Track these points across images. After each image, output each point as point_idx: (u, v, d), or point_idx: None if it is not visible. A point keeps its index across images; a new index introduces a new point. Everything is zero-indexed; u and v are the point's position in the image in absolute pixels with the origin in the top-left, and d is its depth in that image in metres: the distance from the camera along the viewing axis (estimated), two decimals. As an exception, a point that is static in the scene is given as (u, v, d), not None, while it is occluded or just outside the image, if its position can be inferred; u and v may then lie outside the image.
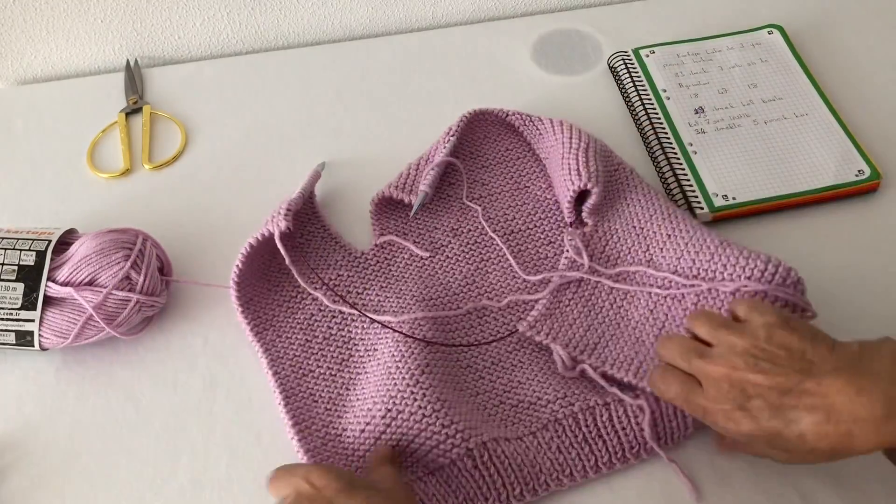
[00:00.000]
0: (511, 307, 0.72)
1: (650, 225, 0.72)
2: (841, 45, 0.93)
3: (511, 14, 1.02)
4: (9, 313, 0.68)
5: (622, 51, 0.92)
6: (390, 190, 0.78)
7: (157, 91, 0.94)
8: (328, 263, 0.75)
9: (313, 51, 0.97)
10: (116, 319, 0.69)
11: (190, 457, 0.66)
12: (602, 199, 0.74)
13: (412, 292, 0.72)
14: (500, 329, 0.71)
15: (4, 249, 0.69)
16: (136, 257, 0.70)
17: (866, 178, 0.78)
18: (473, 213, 0.78)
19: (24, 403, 0.69)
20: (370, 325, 0.70)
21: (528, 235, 0.77)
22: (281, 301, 0.73)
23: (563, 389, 0.66)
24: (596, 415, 0.64)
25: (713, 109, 0.86)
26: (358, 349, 0.70)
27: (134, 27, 0.95)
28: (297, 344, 0.70)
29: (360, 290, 0.73)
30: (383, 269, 0.75)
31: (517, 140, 0.84)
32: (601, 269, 0.71)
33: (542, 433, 0.64)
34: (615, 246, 0.73)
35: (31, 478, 0.65)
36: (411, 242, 0.76)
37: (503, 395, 0.67)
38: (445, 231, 0.77)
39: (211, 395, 0.69)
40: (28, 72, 0.97)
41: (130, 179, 0.85)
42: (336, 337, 0.71)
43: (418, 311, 0.69)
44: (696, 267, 0.68)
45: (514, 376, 0.68)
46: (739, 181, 0.79)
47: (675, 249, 0.70)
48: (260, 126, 0.89)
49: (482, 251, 0.76)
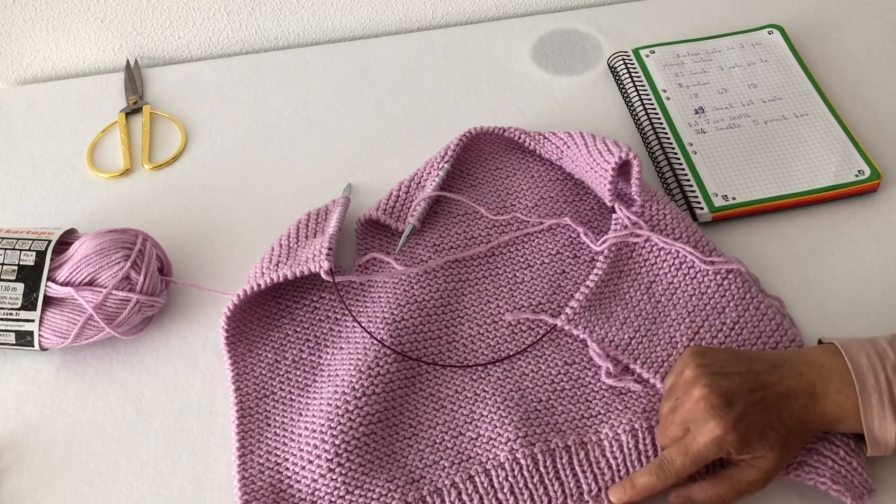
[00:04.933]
0: (481, 334, 0.70)
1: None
2: (841, 45, 0.93)
3: (511, 14, 1.02)
4: (9, 313, 0.68)
5: (622, 51, 0.92)
6: (377, 213, 0.77)
7: (157, 91, 0.94)
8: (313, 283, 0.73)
9: (313, 51, 0.97)
10: (116, 319, 0.69)
11: (190, 457, 0.66)
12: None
13: (383, 314, 0.70)
14: (468, 356, 0.69)
15: (4, 249, 0.69)
16: (136, 257, 0.70)
17: (866, 178, 0.78)
18: (458, 230, 0.76)
19: (24, 403, 0.69)
20: (339, 352, 0.69)
21: (508, 258, 0.75)
22: (260, 315, 0.72)
23: (525, 428, 0.63)
24: (556, 457, 0.63)
25: (713, 109, 0.86)
26: (322, 375, 0.68)
27: (134, 27, 0.95)
28: (265, 363, 0.69)
29: (338, 315, 0.72)
30: (364, 288, 0.73)
31: (508, 158, 0.82)
32: (659, 239, 0.71)
33: (498, 471, 0.62)
34: (670, 223, 0.72)
35: (31, 478, 0.65)
36: (393, 259, 0.73)
37: (463, 427, 0.65)
38: (427, 246, 0.75)
39: (211, 395, 0.69)
40: (28, 72, 0.97)
41: (130, 179, 0.85)
42: (305, 361, 0.69)
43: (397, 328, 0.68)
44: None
45: (475, 408, 0.66)
46: (739, 181, 0.79)
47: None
48: (260, 126, 0.89)
49: (461, 271, 0.74)
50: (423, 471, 0.63)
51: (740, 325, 0.68)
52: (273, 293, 0.73)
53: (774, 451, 0.57)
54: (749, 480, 0.58)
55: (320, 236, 0.72)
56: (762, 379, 0.58)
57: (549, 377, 0.67)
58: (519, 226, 0.76)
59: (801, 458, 0.60)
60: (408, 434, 0.65)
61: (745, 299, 0.69)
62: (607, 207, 0.77)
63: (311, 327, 0.71)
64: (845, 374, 0.58)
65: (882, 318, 0.71)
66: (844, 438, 0.60)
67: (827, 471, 0.60)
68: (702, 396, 0.57)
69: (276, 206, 0.82)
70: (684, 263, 0.70)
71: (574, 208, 0.78)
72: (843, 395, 0.57)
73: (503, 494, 0.61)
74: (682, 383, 0.60)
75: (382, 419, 0.64)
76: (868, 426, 0.57)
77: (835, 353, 0.59)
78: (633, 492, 0.59)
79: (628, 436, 0.63)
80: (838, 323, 0.71)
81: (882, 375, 0.57)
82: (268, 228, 0.78)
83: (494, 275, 0.74)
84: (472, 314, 0.71)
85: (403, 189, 0.78)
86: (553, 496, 0.61)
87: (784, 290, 0.72)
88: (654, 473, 0.59)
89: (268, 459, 0.64)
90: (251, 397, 0.67)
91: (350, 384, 0.65)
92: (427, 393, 0.67)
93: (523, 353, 0.69)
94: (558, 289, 0.72)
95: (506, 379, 0.67)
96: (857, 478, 0.59)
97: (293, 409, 0.67)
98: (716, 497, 0.58)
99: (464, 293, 0.73)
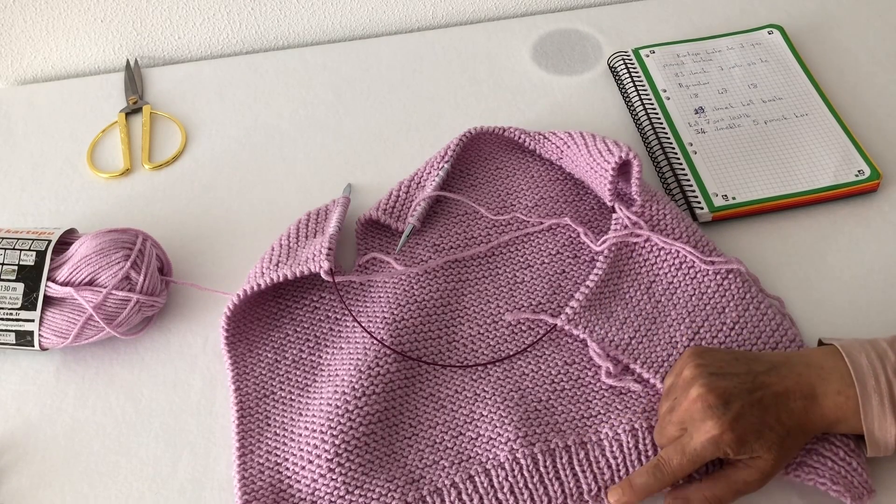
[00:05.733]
0: (481, 334, 0.70)
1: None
2: (841, 45, 0.93)
3: (511, 14, 1.02)
4: (9, 313, 0.68)
5: (622, 51, 0.92)
6: (377, 213, 0.76)
7: (157, 91, 0.94)
8: (313, 283, 0.73)
9: (313, 51, 0.97)
10: (116, 319, 0.69)
11: (190, 457, 0.66)
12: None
13: (383, 314, 0.70)
14: (468, 356, 0.69)
15: (4, 249, 0.69)
16: (136, 257, 0.70)
17: (866, 178, 0.78)
18: (458, 230, 0.76)
19: (24, 403, 0.69)
20: (339, 352, 0.69)
21: (508, 258, 0.75)
22: (260, 315, 0.72)
23: (525, 428, 0.63)
24: (556, 457, 0.63)
25: (713, 109, 0.86)
26: (322, 375, 0.68)
27: (134, 27, 0.95)
28: (265, 363, 0.69)
29: (338, 315, 0.72)
30: (364, 288, 0.73)
31: (508, 158, 0.82)
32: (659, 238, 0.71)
33: (498, 471, 0.62)
34: (670, 223, 0.72)
35: (31, 478, 0.65)
36: (392, 258, 0.73)
37: (463, 427, 0.65)
38: (427, 246, 0.75)
39: (211, 395, 0.69)
40: (28, 72, 0.97)
41: (130, 179, 0.85)
42: (305, 361, 0.69)
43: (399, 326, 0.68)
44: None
45: (475, 408, 0.66)
46: (739, 181, 0.79)
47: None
48: (260, 126, 0.89)
49: (461, 271, 0.74)
50: (422, 471, 0.63)
51: (740, 325, 0.68)
52: (273, 293, 0.73)
53: (772, 452, 0.57)
54: (746, 481, 0.58)
55: (320, 236, 0.72)
56: (761, 379, 0.58)
57: (549, 377, 0.67)
58: (519, 226, 0.76)
59: (801, 459, 0.60)
60: (408, 434, 0.65)
61: (745, 299, 0.69)
62: (607, 207, 0.77)
63: (311, 327, 0.71)
64: (845, 375, 0.58)
65: (882, 318, 0.71)
66: (844, 439, 0.60)
67: (827, 471, 0.60)
68: (699, 396, 0.57)
69: (276, 206, 0.82)
70: (684, 263, 0.70)
71: (574, 208, 0.78)
72: (844, 396, 0.57)
73: (503, 494, 0.61)
74: (680, 383, 0.60)
75: (382, 419, 0.64)
76: (868, 427, 0.57)
77: (835, 354, 0.59)
78: (632, 492, 0.59)
79: (628, 436, 0.63)
80: (838, 323, 0.71)
81: (882, 376, 0.57)
82: (268, 228, 0.78)
83: (494, 275, 0.74)
84: (472, 314, 0.71)
85: (403, 189, 0.78)
86: (553, 496, 0.61)
87: (784, 290, 0.72)
88: (651, 473, 0.59)
89: (268, 459, 0.64)
90: (251, 397, 0.67)
91: (350, 384, 0.65)
92: (427, 393, 0.67)
93: (523, 353, 0.69)
94: (558, 289, 0.72)
95: (506, 379, 0.67)
96: (857, 478, 0.59)
97: (293, 409, 0.67)
98: (712, 498, 0.58)
99: (464, 293, 0.73)
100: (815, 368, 0.59)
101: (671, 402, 0.60)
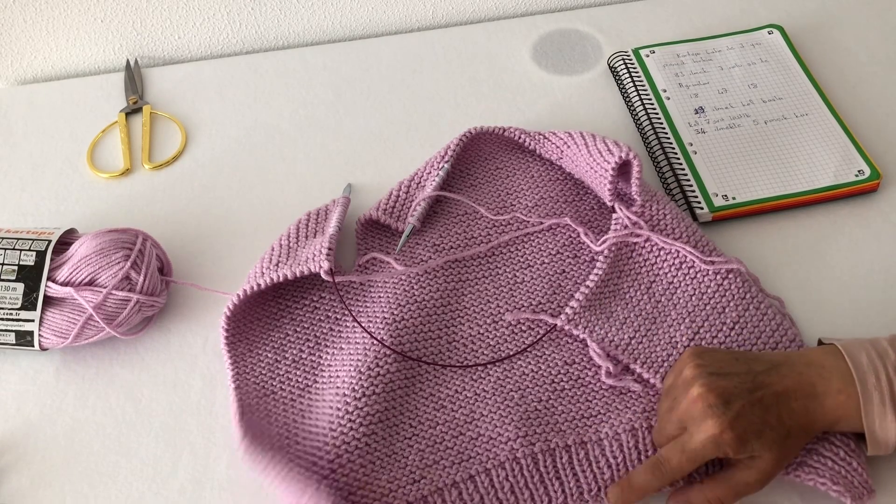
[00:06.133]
0: (481, 334, 0.70)
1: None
2: (841, 45, 0.93)
3: (511, 14, 1.02)
4: (9, 313, 0.68)
5: (622, 51, 0.92)
6: (377, 213, 0.76)
7: (157, 91, 0.94)
8: (313, 283, 0.73)
9: (313, 51, 0.97)
10: (116, 319, 0.69)
11: (190, 457, 0.66)
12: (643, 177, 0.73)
13: (383, 314, 0.70)
14: (468, 356, 0.69)
15: (4, 249, 0.69)
16: (136, 257, 0.70)
17: (866, 178, 0.78)
18: (458, 230, 0.76)
19: (24, 403, 0.69)
20: (339, 352, 0.69)
21: (508, 258, 0.75)
22: (260, 315, 0.72)
23: (525, 428, 0.64)
24: (556, 456, 0.63)
25: (713, 109, 0.86)
26: (322, 375, 0.68)
27: (134, 27, 0.95)
28: (265, 363, 0.69)
29: (338, 315, 0.72)
30: (364, 288, 0.73)
31: (508, 158, 0.82)
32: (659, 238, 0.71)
33: (498, 471, 0.62)
34: (670, 223, 0.72)
35: (31, 478, 0.65)
36: (393, 258, 0.73)
37: (463, 427, 0.65)
38: (427, 246, 0.75)
39: (211, 395, 0.69)
40: (28, 72, 0.97)
41: (130, 179, 0.86)
42: (305, 361, 0.69)
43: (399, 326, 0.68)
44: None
45: (475, 408, 0.65)
46: (739, 181, 0.79)
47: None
48: (260, 126, 0.89)
49: (461, 271, 0.74)
50: (423, 470, 0.63)
51: (740, 325, 0.68)
52: (273, 293, 0.73)
53: (772, 452, 0.57)
54: (746, 481, 0.58)
55: (320, 236, 0.72)
56: (761, 379, 0.58)
57: (549, 377, 0.67)
58: (519, 226, 0.76)
59: (801, 459, 0.60)
60: (408, 434, 0.65)
61: (745, 299, 0.69)
62: (607, 207, 0.77)
63: (311, 327, 0.71)
64: (846, 374, 0.58)
65: (882, 318, 0.71)
66: (844, 439, 0.60)
67: (827, 471, 0.60)
68: (699, 395, 0.57)
69: (276, 206, 0.82)
70: (684, 263, 0.70)
71: (574, 208, 0.78)
72: (844, 395, 0.57)
73: (503, 494, 0.61)
74: (680, 383, 0.60)
75: (383, 419, 0.64)
76: (869, 426, 0.57)
77: (835, 353, 0.59)
78: (630, 491, 0.59)
79: (628, 435, 0.63)
80: (838, 323, 0.71)
81: (883, 375, 0.57)
82: (268, 228, 0.78)
83: (494, 275, 0.74)
84: (472, 314, 0.71)
85: (403, 189, 0.78)
86: (553, 496, 0.61)
87: (784, 290, 0.72)
88: (650, 472, 0.59)
89: None
90: (251, 395, 0.67)
91: (350, 385, 0.65)
92: (427, 393, 0.67)
93: (523, 353, 0.69)
94: (558, 289, 0.72)
95: (506, 379, 0.67)
96: (857, 478, 0.59)
97: (294, 409, 0.67)
98: (714, 499, 0.58)
99: (464, 293, 0.73)
100: (816, 367, 0.59)
101: (671, 402, 0.60)
